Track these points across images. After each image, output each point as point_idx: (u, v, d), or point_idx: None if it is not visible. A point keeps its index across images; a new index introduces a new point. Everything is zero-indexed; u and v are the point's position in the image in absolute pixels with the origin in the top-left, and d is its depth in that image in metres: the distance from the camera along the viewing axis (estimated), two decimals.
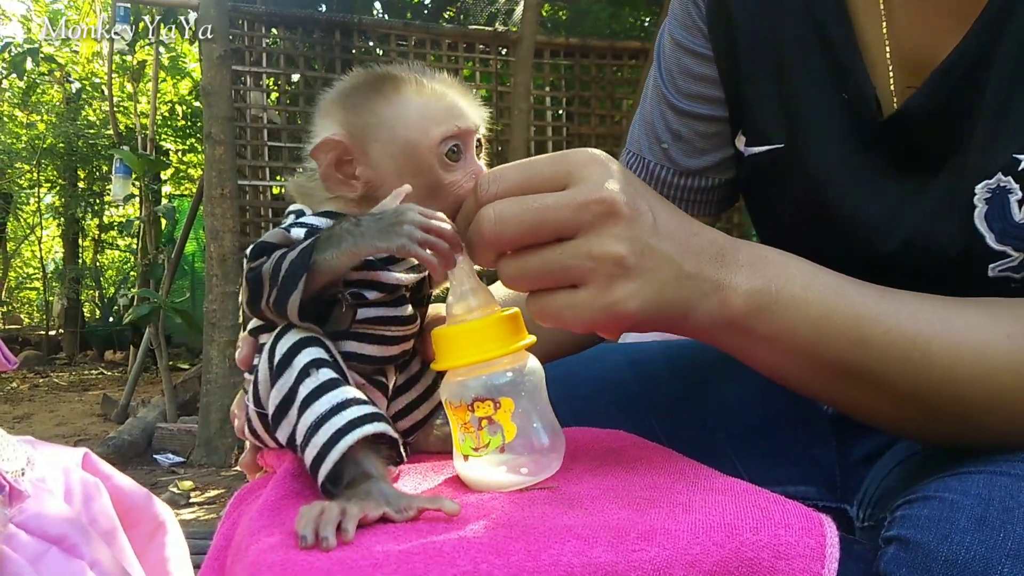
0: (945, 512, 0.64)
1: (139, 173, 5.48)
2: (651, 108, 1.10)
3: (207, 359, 4.33)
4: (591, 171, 0.68)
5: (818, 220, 0.93)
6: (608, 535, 0.58)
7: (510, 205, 0.68)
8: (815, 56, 0.92)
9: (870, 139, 0.88)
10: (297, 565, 0.56)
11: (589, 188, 0.67)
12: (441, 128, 0.78)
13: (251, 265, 0.74)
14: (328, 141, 0.78)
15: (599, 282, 0.67)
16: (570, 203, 0.67)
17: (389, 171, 0.78)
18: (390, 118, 0.78)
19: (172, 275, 5.64)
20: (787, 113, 0.94)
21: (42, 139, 9.48)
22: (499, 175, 0.71)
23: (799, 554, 0.58)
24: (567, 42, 5.55)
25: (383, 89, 0.79)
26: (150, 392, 6.47)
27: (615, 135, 5.53)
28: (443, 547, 0.57)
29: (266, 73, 5.02)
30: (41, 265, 11.67)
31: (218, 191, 4.30)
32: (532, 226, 0.68)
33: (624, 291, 0.67)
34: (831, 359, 0.72)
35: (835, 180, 0.91)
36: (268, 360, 0.73)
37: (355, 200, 0.79)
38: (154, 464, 4.44)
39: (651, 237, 0.68)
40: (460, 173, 0.79)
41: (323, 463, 0.67)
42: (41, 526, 0.86)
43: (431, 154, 0.77)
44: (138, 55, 6.46)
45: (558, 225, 0.67)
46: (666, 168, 1.09)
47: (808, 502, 0.67)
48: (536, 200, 0.68)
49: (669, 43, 1.08)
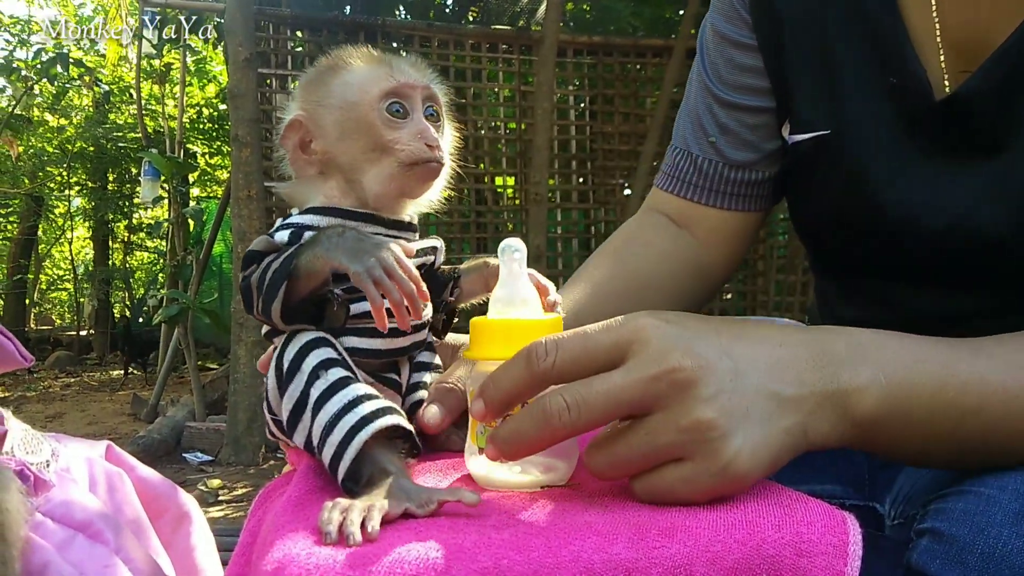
0: (981, 506, 0.63)
1: (167, 175, 5.53)
2: (696, 102, 1.11)
3: (235, 359, 4.38)
4: (649, 336, 0.62)
5: (862, 205, 0.93)
6: (629, 532, 0.58)
7: (578, 392, 0.62)
8: (860, 42, 0.92)
9: (919, 122, 0.88)
10: (320, 561, 0.56)
11: (653, 359, 0.61)
12: (380, 85, 0.80)
13: (243, 274, 0.76)
14: (291, 122, 0.81)
15: (701, 451, 0.60)
16: (639, 380, 0.61)
17: (337, 137, 0.80)
18: (336, 86, 0.81)
19: (200, 276, 5.70)
20: (832, 100, 0.95)
21: (72, 143, 9.61)
22: (556, 345, 0.63)
23: (821, 551, 0.58)
24: (590, 40, 5.53)
25: (332, 64, 0.83)
26: (179, 392, 6.54)
27: (638, 133, 5.51)
28: (464, 543, 0.57)
29: (291, 75, 5.05)
30: (72, 267, 11.83)
31: (245, 193, 4.34)
32: (604, 412, 0.61)
33: (731, 450, 0.60)
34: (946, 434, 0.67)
35: (880, 164, 0.91)
36: (277, 366, 0.74)
37: (331, 182, 0.81)
38: (183, 462, 4.49)
39: (734, 381, 0.61)
40: (405, 132, 0.80)
41: (341, 461, 0.68)
42: (67, 514, 0.88)
43: (371, 111, 0.79)
44: (165, 58, 6.53)
45: (632, 406, 0.62)
46: (714, 162, 1.09)
47: (835, 500, 0.67)
48: (603, 382, 0.61)
49: (712, 36, 1.09)
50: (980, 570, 0.60)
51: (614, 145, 5.59)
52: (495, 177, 5.60)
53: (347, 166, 0.81)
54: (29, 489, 0.87)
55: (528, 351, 0.64)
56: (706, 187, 1.11)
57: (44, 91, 8.80)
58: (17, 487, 0.83)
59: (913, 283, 0.93)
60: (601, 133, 5.61)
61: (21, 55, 7.69)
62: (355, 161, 0.80)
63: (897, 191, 0.90)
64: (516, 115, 5.47)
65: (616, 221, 5.54)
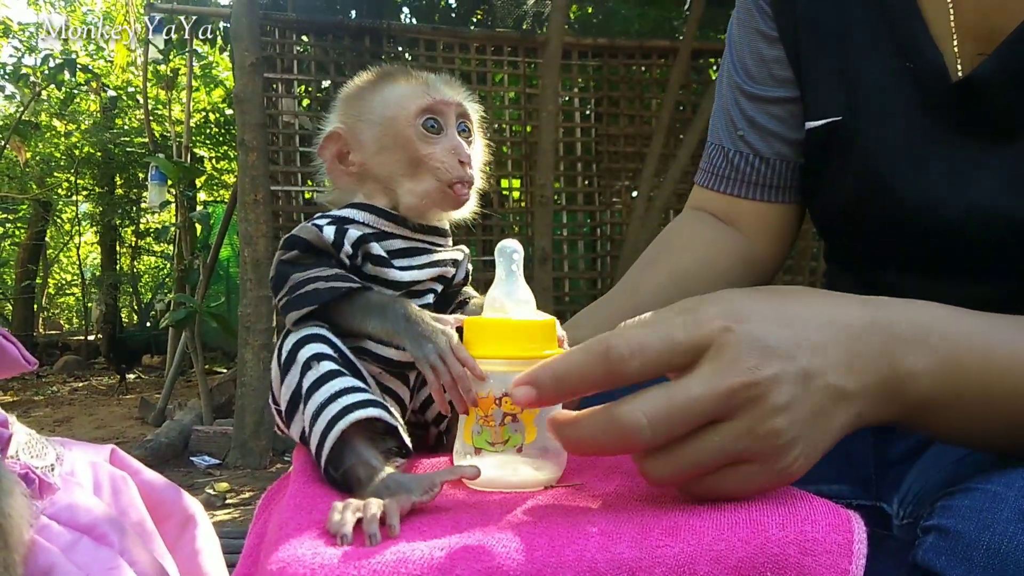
0: (987, 503, 0.63)
1: (174, 180, 5.54)
2: (726, 97, 1.13)
3: (242, 362, 4.38)
4: (727, 340, 0.61)
5: (878, 192, 0.93)
6: (632, 531, 0.58)
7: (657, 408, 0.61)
8: (877, 28, 0.93)
9: (936, 106, 0.89)
10: (324, 561, 0.56)
11: (729, 367, 0.60)
12: (417, 101, 0.84)
13: (281, 257, 0.80)
14: (330, 134, 0.86)
15: (766, 455, 0.61)
16: (717, 391, 0.60)
17: (376, 151, 0.85)
18: (376, 101, 0.86)
19: (207, 280, 5.71)
20: (847, 86, 0.96)
21: (79, 148, 9.64)
22: (640, 347, 0.62)
23: (826, 550, 0.58)
24: (595, 43, 5.53)
25: (374, 80, 0.88)
26: (186, 395, 6.55)
27: (644, 135, 5.50)
28: (467, 543, 0.57)
29: (297, 80, 5.06)
30: (79, 271, 11.86)
31: (251, 197, 4.34)
32: (683, 423, 0.61)
33: (793, 453, 0.62)
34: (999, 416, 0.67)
35: (897, 149, 0.91)
36: (277, 357, 0.78)
37: (371, 191, 0.86)
38: (191, 466, 4.49)
39: (805, 385, 0.62)
40: (439, 147, 0.84)
41: (323, 448, 0.70)
42: (72, 517, 0.89)
43: (408, 127, 0.83)
44: (172, 63, 6.55)
45: (707, 417, 0.61)
46: (745, 155, 1.11)
47: (841, 500, 0.66)
48: (682, 395, 0.60)
49: (738, 30, 1.11)
50: (985, 566, 0.59)
51: (619, 147, 5.59)
52: (500, 179, 5.60)
53: (384, 178, 0.85)
54: (34, 492, 0.87)
55: (608, 349, 0.62)
56: (741, 181, 1.13)
57: (51, 96, 8.83)
58: (21, 491, 0.83)
59: (930, 274, 0.93)
60: (606, 135, 5.61)
61: (29, 61, 7.72)
62: (392, 173, 0.85)
63: (913, 178, 0.90)
64: (521, 118, 5.47)
65: (622, 223, 5.54)
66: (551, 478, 0.73)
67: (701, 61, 5.73)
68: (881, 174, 0.93)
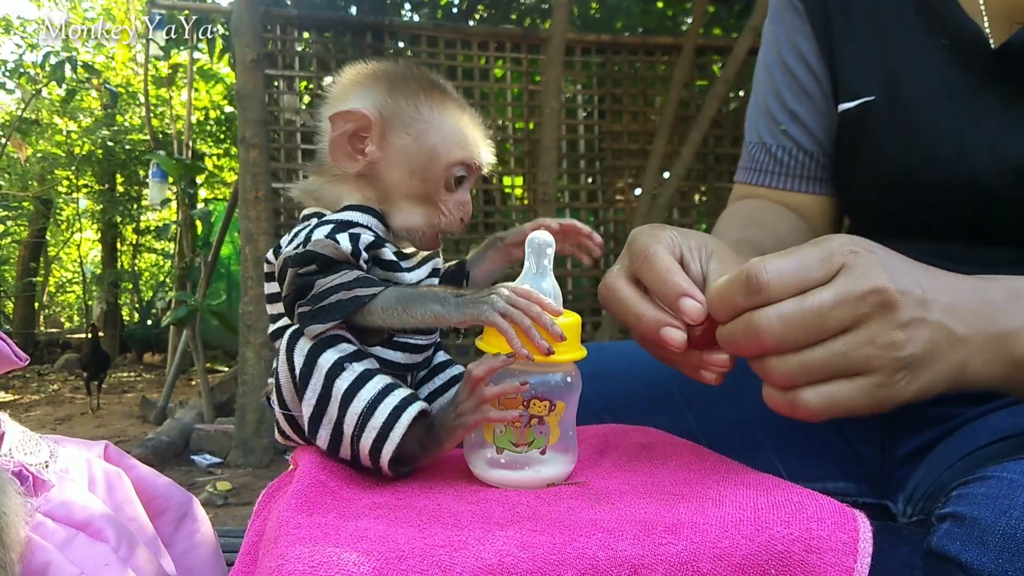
0: (1004, 490, 0.63)
1: (175, 177, 5.54)
2: (764, 93, 1.15)
3: (243, 361, 4.38)
4: (858, 261, 0.66)
5: (919, 164, 0.96)
6: (635, 529, 0.58)
7: (790, 308, 0.66)
8: (909, 11, 0.96)
9: (975, 76, 0.92)
10: (324, 557, 0.56)
11: (860, 280, 0.65)
12: (464, 153, 0.83)
13: (299, 272, 0.76)
14: (356, 112, 0.81)
15: (883, 370, 0.65)
16: (846, 298, 0.65)
17: (400, 164, 0.82)
18: (429, 121, 0.82)
19: (208, 278, 5.70)
20: (883, 66, 0.99)
21: (80, 145, 9.64)
22: (778, 273, 0.66)
23: (831, 548, 0.57)
24: (598, 39, 5.52)
25: (432, 92, 0.83)
26: (187, 394, 6.55)
27: (647, 132, 5.49)
28: (468, 540, 0.56)
29: (299, 76, 5.06)
30: (80, 269, 11.87)
31: (252, 194, 4.33)
32: (816, 327, 0.65)
33: (905, 372, 0.66)
34: None
35: (937, 120, 0.94)
36: (288, 365, 0.75)
37: (368, 190, 0.83)
38: (192, 464, 4.49)
39: (924, 311, 0.66)
40: (452, 198, 0.84)
41: (386, 443, 0.71)
42: (67, 513, 0.88)
43: (443, 170, 0.82)
44: (172, 60, 6.54)
45: (838, 322, 0.65)
46: (788, 149, 1.13)
47: (847, 499, 0.66)
48: (814, 299, 0.66)
49: (772, 27, 1.14)
50: (1000, 549, 0.59)
51: (623, 144, 5.58)
52: (503, 177, 5.60)
53: (390, 190, 0.83)
54: (28, 490, 0.87)
55: (747, 275, 0.67)
56: (786, 174, 1.16)
57: (52, 94, 8.83)
58: (15, 489, 0.83)
59: (971, 239, 0.94)
60: (610, 132, 5.60)
61: (30, 58, 7.72)
62: (401, 192, 0.83)
63: (957, 144, 0.92)
64: (524, 114, 5.46)
65: (625, 221, 5.53)
66: (558, 474, 0.72)
67: (705, 58, 5.73)
68: (925, 144, 0.95)
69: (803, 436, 1.06)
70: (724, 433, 1.03)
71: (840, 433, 1.06)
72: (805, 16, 1.09)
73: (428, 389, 0.86)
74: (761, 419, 1.08)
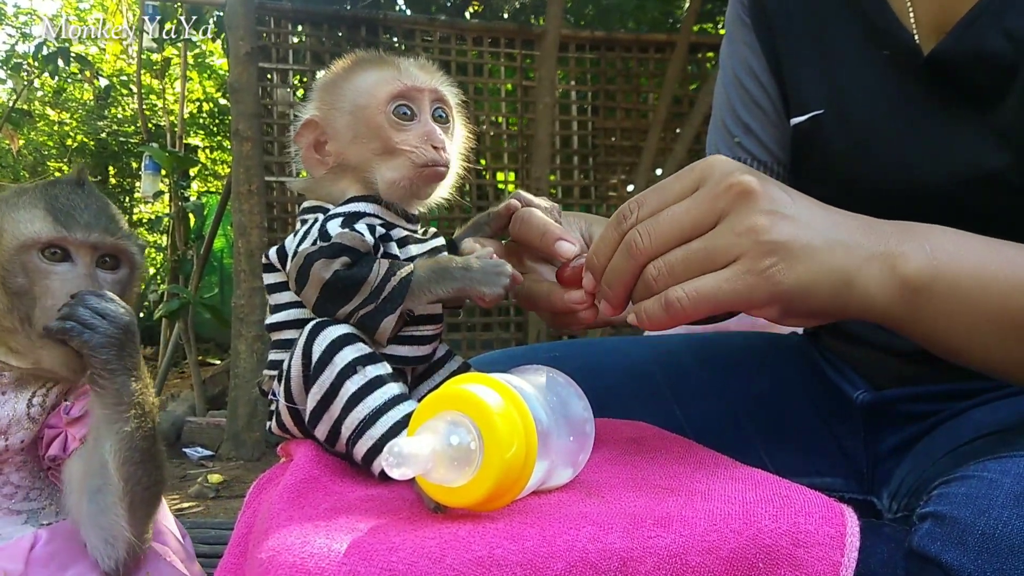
0: (983, 489, 0.64)
1: (168, 170, 5.52)
2: (721, 109, 1.16)
3: (235, 354, 4.37)
4: (716, 168, 0.69)
5: (866, 174, 0.96)
6: (624, 522, 0.58)
7: (650, 221, 0.70)
8: (850, 24, 0.97)
9: (912, 84, 0.92)
10: (315, 549, 0.56)
11: (718, 179, 0.68)
12: (388, 88, 0.83)
13: (336, 269, 0.75)
14: (307, 122, 0.85)
15: (748, 255, 0.66)
16: (705, 197, 0.68)
17: (349, 138, 0.84)
18: (348, 89, 0.84)
19: (201, 271, 5.68)
20: (828, 79, 0.99)
21: (72, 137, 9.60)
22: (640, 202, 0.72)
23: (818, 542, 0.58)
24: (592, 36, 5.51)
25: (347, 68, 0.87)
26: (179, 386, 6.53)
27: (641, 129, 5.49)
28: (458, 532, 0.57)
29: (292, 70, 5.04)
30: None
31: (245, 187, 4.32)
32: (678, 228, 0.68)
33: (775, 257, 0.66)
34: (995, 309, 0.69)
35: (881, 130, 0.95)
36: (303, 358, 0.75)
37: (355, 177, 0.84)
38: (183, 457, 4.48)
39: (790, 208, 0.67)
40: (412, 134, 0.82)
41: (379, 455, 0.70)
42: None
43: (379, 114, 0.82)
44: (165, 51, 6.51)
45: (699, 220, 0.68)
46: (743, 160, 1.13)
47: (833, 493, 0.67)
48: (678, 205, 0.69)
49: (726, 44, 1.15)
50: (979, 550, 0.60)
51: (616, 141, 5.58)
52: (496, 172, 5.59)
53: (360, 166, 0.84)
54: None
55: (617, 215, 0.73)
56: None
57: (44, 85, 8.78)
58: None
59: None
60: (603, 129, 5.60)
61: (22, 48, 7.67)
62: (367, 162, 0.83)
63: (897, 150, 0.93)
64: (517, 110, 5.45)
65: None
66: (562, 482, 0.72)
67: (699, 55, 5.73)
68: (871, 154, 0.96)
69: (790, 431, 1.07)
70: (713, 427, 1.04)
71: (825, 428, 1.07)
72: (752, 31, 1.10)
73: (428, 387, 0.86)
74: (749, 414, 1.09)
